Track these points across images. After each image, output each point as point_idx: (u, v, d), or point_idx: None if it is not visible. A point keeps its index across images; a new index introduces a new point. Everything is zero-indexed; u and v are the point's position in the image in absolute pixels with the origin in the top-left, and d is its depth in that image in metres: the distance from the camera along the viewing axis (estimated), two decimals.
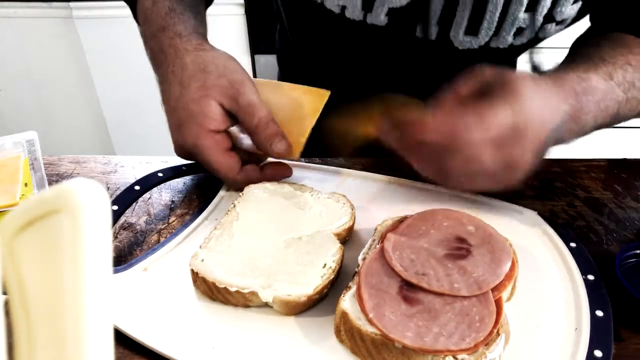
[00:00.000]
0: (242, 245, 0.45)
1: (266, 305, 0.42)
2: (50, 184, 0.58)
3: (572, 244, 0.48)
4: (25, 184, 0.54)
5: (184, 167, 0.58)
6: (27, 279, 0.21)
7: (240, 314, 0.42)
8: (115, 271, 0.45)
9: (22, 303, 0.21)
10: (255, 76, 1.67)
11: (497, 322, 0.36)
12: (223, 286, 0.41)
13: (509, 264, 0.40)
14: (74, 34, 1.63)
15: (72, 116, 1.85)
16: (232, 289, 0.41)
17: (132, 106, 1.76)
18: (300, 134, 0.53)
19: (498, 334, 0.36)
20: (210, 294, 0.42)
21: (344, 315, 0.38)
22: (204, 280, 0.42)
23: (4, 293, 0.21)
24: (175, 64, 0.52)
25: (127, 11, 0.63)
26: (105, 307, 0.19)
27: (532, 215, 0.52)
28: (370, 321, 0.36)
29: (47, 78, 1.76)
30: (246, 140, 0.54)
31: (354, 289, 0.39)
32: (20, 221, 0.20)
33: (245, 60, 1.64)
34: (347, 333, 0.38)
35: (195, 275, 0.43)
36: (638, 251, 0.47)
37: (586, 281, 0.44)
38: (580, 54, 0.53)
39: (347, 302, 0.39)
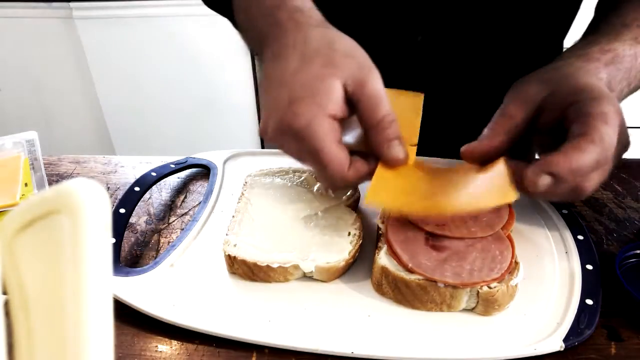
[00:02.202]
0: (265, 226, 0.47)
1: (304, 276, 0.45)
2: (50, 184, 0.58)
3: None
4: (25, 184, 0.54)
5: (172, 165, 0.59)
6: (27, 279, 0.20)
7: (281, 289, 0.44)
8: (143, 271, 0.45)
9: (22, 303, 0.21)
10: (255, 76, 1.67)
11: (513, 253, 0.42)
12: (265, 264, 0.43)
13: (507, 207, 0.47)
14: (74, 34, 1.62)
15: (72, 116, 1.85)
16: (275, 266, 0.43)
17: (132, 106, 1.76)
18: (411, 139, 0.46)
19: (517, 263, 0.42)
20: (251, 274, 0.44)
21: (384, 270, 0.42)
22: (243, 262, 0.43)
23: (4, 293, 0.21)
24: (297, 38, 0.46)
25: (127, 11, 0.63)
26: (106, 307, 0.19)
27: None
28: (411, 270, 0.41)
29: (47, 78, 1.75)
30: (346, 137, 0.46)
31: (384, 248, 0.43)
32: (20, 221, 0.20)
33: (245, 61, 1.64)
34: (390, 285, 0.42)
35: (232, 260, 0.44)
36: (638, 251, 0.47)
37: (562, 214, 0.52)
38: (602, 22, 0.52)
39: (383, 259, 0.43)
